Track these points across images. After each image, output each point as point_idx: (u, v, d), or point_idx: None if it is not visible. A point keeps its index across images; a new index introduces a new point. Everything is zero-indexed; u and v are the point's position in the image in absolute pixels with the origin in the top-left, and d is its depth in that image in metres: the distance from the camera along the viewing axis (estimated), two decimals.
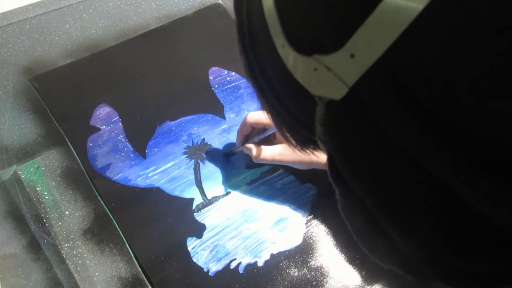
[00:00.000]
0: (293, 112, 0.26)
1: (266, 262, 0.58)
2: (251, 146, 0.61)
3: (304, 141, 0.29)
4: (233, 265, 0.57)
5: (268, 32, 0.23)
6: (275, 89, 0.26)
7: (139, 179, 0.62)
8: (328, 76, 0.21)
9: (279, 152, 0.60)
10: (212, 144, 0.66)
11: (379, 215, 0.23)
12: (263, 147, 0.60)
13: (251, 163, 0.64)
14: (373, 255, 0.28)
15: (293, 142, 0.29)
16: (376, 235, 0.25)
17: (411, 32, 0.17)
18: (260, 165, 0.64)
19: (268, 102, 0.28)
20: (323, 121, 0.22)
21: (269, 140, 0.63)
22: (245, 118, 0.61)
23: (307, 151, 0.30)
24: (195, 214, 0.60)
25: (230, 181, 0.63)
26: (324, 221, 0.61)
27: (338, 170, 0.24)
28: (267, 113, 0.30)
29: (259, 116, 0.60)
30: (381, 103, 0.19)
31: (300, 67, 0.22)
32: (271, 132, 0.59)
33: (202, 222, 0.60)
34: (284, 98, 0.26)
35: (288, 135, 0.29)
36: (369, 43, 0.18)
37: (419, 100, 0.18)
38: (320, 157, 0.58)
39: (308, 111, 0.23)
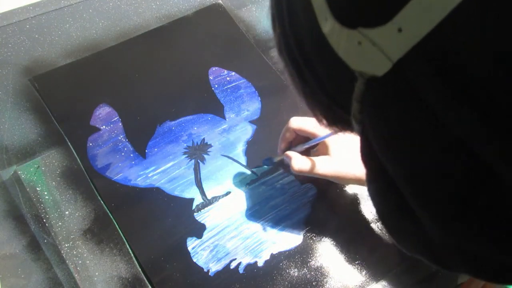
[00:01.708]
0: (328, 90, 0.26)
1: (266, 262, 0.58)
2: (292, 154, 0.57)
3: (336, 121, 0.28)
4: (233, 265, 0.57)
5: (310, 4, 0.23)
6: (311, 65, 0.26)
7: (139, 179, 0.62)
8: (372, 51, 0.20)
9: (322, 164, 0.55)
10: (212, 144, 0.66)
11: (411, 197, 0.22)
12: (304, 158, 0.56)
13: (252, 163, 0.64)
14: (399, 241, 0.27)
15: (325, 122, 0.29)
16: (404, 219, 0.24)
17: (464, 6, 0.16)
18: (261, 165, 0.64)
19: (302, 79, 0.27)
20: (361, 98, 0.22)
21: (307, 151, 0.59)
22: (288, 123, 0.58)
23: (336, 129, 0.29)
24: (195, 214, 0.60)
25: (230, 181, 0.63)
26: (324, 221, 0.61)
27: (372, 150, 0.23)
28: (299, 92, 0.29)
29: (304, 122, 0.57)
30: (426, 80, 0.18)
31: (343, 41, 0.21)
32: (319, 141, 0.56)
33: (202, 222, 0.60)
34: (320, 74, 0.25)
35: (319, 114, 0.28)
36: (419, 17, 0.18)
37: (467, 78, 0.17)
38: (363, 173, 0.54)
39: (345, 88, 0.23)
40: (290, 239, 0.59)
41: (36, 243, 0.57)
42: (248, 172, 0.64)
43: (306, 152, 0.59)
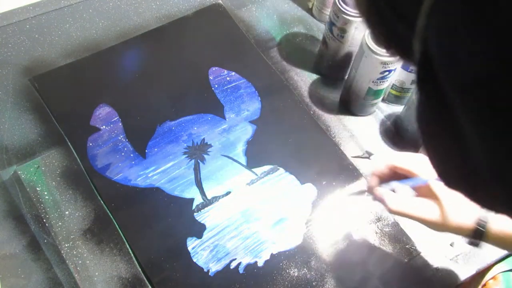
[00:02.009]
0: (395, 5, 0.25)
1: (266, 262, 0.58)
2: (385, 193, 0.51)
3: (395, 40, 0.27)
4: (233, 265, 0.57)
5: None
6: None
7: (139, 179, 0.62)
8: None
9: (426, 208, 0.49)
10: (212, 144, 0.66)
11: (464, 118, 0.21)
12: (400, 197, 0.50)
13: (252, 163, 0.64)
14: (440, 171, 0.26)
15: (380, 34, 0.27)
16: (453, 141, 0.23)
17: None
18: (261, 165, 0.64)
19: None
20: (430, 10, 0.21)
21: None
22: (388, 159, 0.52)
23: (389, 48, 0.27)
24: (195, 214, 0.60)
25: (230, 181, 0.63)
26: (324, 221, 0.61)
27: (432, 69, 0.22)
28: (358, 6, 0.28)
29: (410, 163, 0.51)
30: None
31: None
32: (421, 184, 0.49)
33: (202, 222, 0.60)
34: None
35: (377, 31, 0.27)
36: None
37: None
38: (464, 224, 0.49)
39: (414, 2, 0.22)
40: (290, 239, 0.59)
41: (36, 243, 0.57)
42: (248, 172, 0.64)
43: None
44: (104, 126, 0.66)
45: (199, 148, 0.65)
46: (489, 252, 0.61)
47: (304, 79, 0.74)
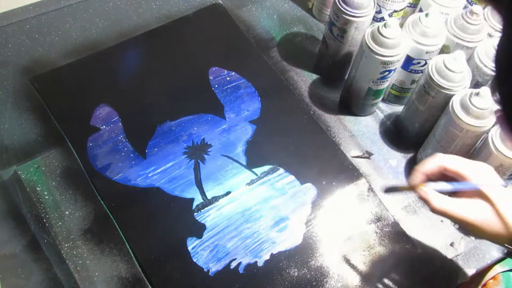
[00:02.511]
0: None
1: (266, 262, 0.58)
2: (429, 192, 0.49)
3: None
4: (233, 265, 0.57)
5: None
6: None
7: (139, 179, 0.62)
8: None
9: (472, 209, 0.48)
10: (212, 144, 0.66)
11: None
12: (445, 197, 0.49)
13: (252, 163, 0.64)
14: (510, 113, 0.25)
15: None
16: None
17: None
18: (261, 165, 0.64)
19: None
20: None
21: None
22: (436, 158, 0.50)
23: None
24: (195, 214, 0.60)
25: (230, 181, 0.63)
26: (324, 221, 0.61)
27: None
28: None
29: (455, 162, 0.50)
30: None
31: None
32: (472, 189, 0.48)
33: (202, 222, 0.60)
34: None
35: None
36: None
37: None
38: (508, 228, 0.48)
39: None
40: (290, 239, 0.59)
41: (36, 243, 0.57)
42: (248, 172, 0.64)
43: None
44: (104, 126, 0.66)
45: (199, 148, 0.65)
46: (489, 252, 0.61)
47: (304, 79, 0.74)
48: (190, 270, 0.56)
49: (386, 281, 0.58)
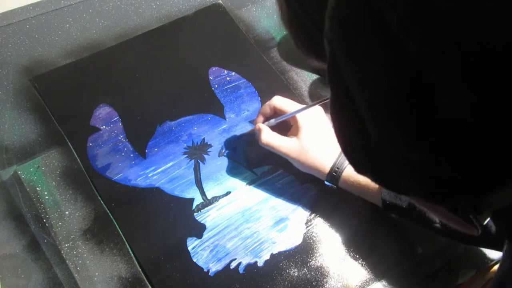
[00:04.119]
0: (308, 9, 0.29)
1: (266, 262, 0.58)
2: (262, 127, 0.60)
3: (312, 44, 0.31)
4: (233, 265, 0.57)
5: None
6: None
7: (139, 179, 0.62)
8: None
9: (288, 145, 0.59)
10: (212, 144, 0.66)
11: (364, 107, 0.25)
12: (274, 133, 0.60)
13: (252, 163, 0.64)
14: (352, 157, 0.30)
15: (303, 47, 0.33)
16: (357, 133, 0.27)
17: None
18: (261, 165, 0.64)
19: (287, 5, 0.31)
20: (331, 15, 0.24)
21: (283, 131, 0.62)
22: (271, 100, 0.61)
23: (311, 56, 0.33)
24: (195, 214, 0.60)
25: (230, 181, 0.63)
26: (324, 221, 0.61)
27: (338, 66, 0.25)
28: (285, 18, 0.33)
29: (286, 102, 0.60)
30: (389, 6, 0.21)
31: None
32: (288, 117, 0.59)
33: (202, 222, 0.60)
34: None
35: (298, 40, 0.32)
36: None
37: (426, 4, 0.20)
38: (323, 165, 0.58)
39: (322, 5, 0.26)
40: (290, 239, 0.59)
41: (36, 243, 0.57)
42: (248, 172, 0.64)
43: (279, 131, 0.61)
44: (104, 126, 0.66)
45: (199, 148, 0.65)
46: (489, 252, 0.61)
47: (304, 79, 0.74)
48: (190, 270, 0.56)
49: (386, 281, 0.58)
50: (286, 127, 0.62)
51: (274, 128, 0.61)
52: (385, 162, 0.26)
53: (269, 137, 0.59)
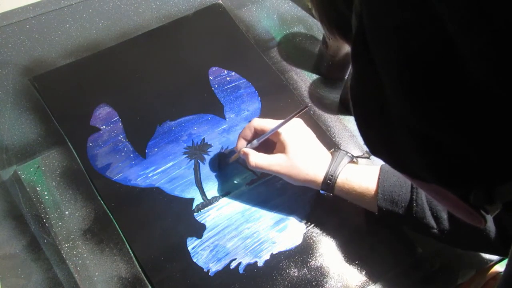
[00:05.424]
0: None
1: (266, 262, 0.58)
2: (248, 151, 0.59)
3: (338, 23, 0.30)
4: (233, 265, 0.57)
5: None
6: None
7: (139, 179, 0.62)
8: None
9: (277, 162, 0.57)
10: (212, 144, 0.66)
11: (390, 83, 0.24)
12: (261, 154, 0.58)
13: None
14: (367, 136, 0.29)
15: (326, 21, 0.31)
16: (377, 108, 0.26)
17: None
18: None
19: None
20: None
21: (269, 150, 0.61)
22: (249, 123, 0.60)
23: (333, 32, 0.31)
24: (195, 214, 0.60)
25: (230, 181, 0.63)
26: (324, 221, 0.61)
27: (364, 39, 0.24)
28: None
29: (265, 123, 0.59)
30: None
31: None
32: (269, 135, 0.58)
33: (202, 222, 0.60)
34: None
35: (326, 18, 0.31)
36: None
37: None
38: (316, 175, 0.57)
39: None
40: (290, 239, 0.59)
41: (36, 243, 0.57)
42: (248, 172, 0.64)
43: (267, 151, 0.60)
44: (104, 126, 0.66)
45: (199, 148, 0.65)
46: None
47: (304, 79, 0.74)
48: (190, 270, 0.56)
49: (386, 281, 0.58)
50: (270, 146, 0.61)
51: (258, 148, 0.60)
52: (402, 140, 0.25)
53: (257, 159, 0.58)
